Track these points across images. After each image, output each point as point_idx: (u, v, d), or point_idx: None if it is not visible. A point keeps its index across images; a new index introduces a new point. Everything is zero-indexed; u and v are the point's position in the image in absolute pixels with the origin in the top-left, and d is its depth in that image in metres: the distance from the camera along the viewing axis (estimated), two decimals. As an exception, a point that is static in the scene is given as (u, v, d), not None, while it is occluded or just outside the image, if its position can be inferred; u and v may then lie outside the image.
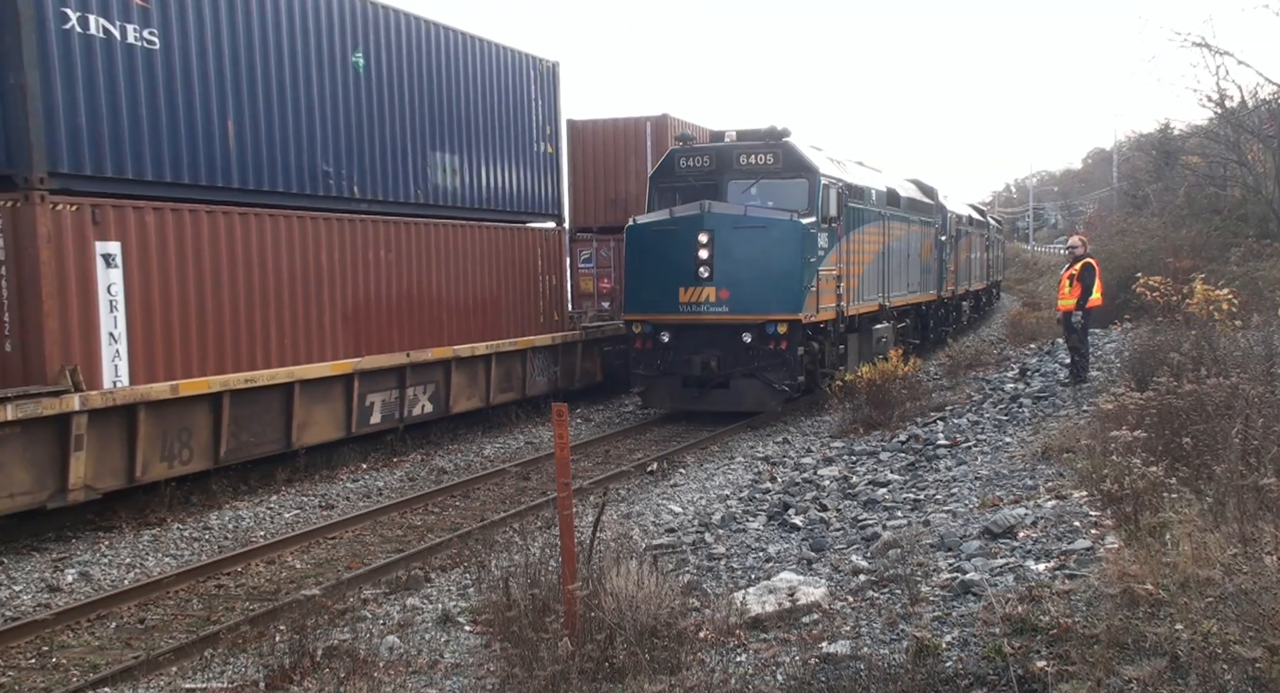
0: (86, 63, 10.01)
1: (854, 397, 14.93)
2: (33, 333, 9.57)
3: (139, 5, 10.43)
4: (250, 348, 11.78)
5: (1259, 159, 26.59)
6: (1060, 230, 74.07)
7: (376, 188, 13.80)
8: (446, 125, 15.10)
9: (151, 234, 10.59)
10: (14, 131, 9.52)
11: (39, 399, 9.25)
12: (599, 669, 5.17)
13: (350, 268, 13.24)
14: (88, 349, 9.94)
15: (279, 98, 12.19)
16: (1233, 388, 7.21)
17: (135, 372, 10.40)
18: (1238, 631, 4.09)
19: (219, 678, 6.76)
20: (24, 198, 9.48)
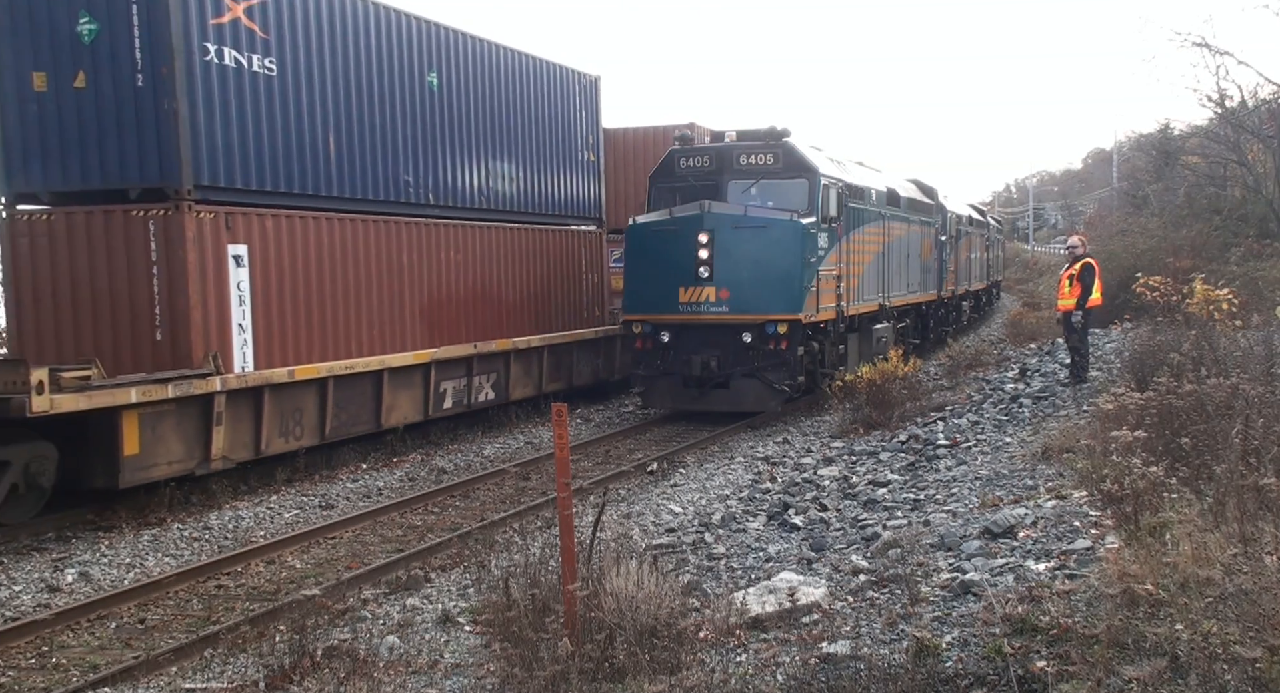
0: (222, 89, 11.43)
1: (854, 397, 14.93)
2: (180, 324, 11.05)
3: (261, 37, 11.86)
4: (348, 338, 13.20)
5: (1259, 159, 26.60)
6: (1060, 230, 74.07)
7: (447, 195, 15.17)
8: (504, 136, 16.45)
9: (270, 238, 12.01)
10: (167, 150, 11.00)
11: (191, 381, 10.80)
12: (599, 669, 5.17)
13: (426, 267, 14.66)
14: (222, 338, 11.38)
15: (369, 115, 13.55)
16: (1233, 388, 7.21)
17: (259, 358, 11.84)
18: (1238, 631, 4.09)
19: (219, 678, 6.76)
20: (174, 207, 10.98)
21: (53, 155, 11.27)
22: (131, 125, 11.10)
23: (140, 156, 11.08)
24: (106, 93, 11.05)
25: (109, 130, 11.11)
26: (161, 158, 11.03)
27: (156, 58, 10.91)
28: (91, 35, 10.96)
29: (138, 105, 11.03)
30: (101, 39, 10.95)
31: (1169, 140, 36.29)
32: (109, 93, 11.05)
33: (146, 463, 10.59)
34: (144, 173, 11.13)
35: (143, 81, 10.97)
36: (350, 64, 13.17)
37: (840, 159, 18.93)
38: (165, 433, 10.73)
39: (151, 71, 10.94)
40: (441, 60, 14.85)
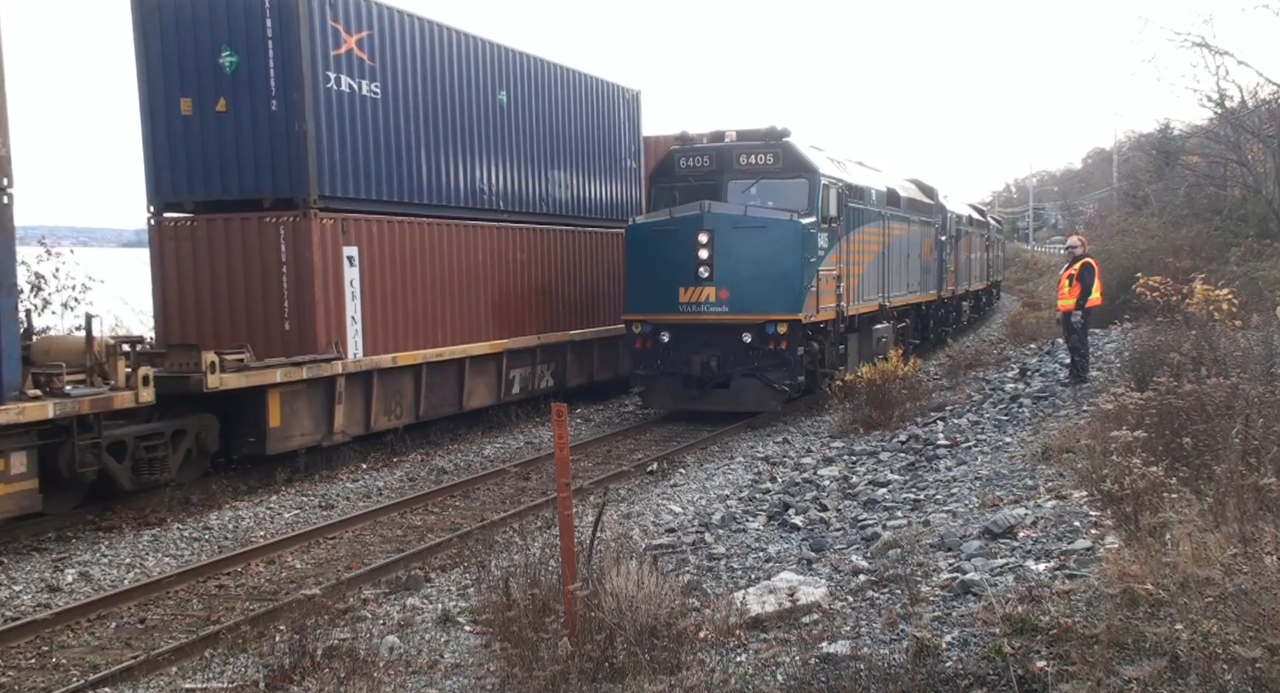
0: (339, 111, 13.01)
1: (854, 397, 14.92)
2: (306, 315, 12.67)
3: (368, 65, 13.35)
4: (436, 329, 14.74)
5: (1259, 159, 26.58)
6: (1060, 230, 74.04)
7: (514, 201, 16.78)
8: (561, 147, 18.01)
9: (375, 241, 13.61)
10: (296, 165, 12.60)
11: (319, 364, 12.53)
12: (599, 669, 5.17)
13: (497, 266, 16.24)
14: (339, 328, 13.02)
15: (451, 131, 15.11)
16: (1233, 388, 7.21)
17: (367, 346, 13.43)
18: (1238, 631, 4.09)
19: (219, 678, 6.76)
20: (302, 215, 12.60)
21: (196, 170, 12.94)
22: (266, 144, 12.72)
23: (273, 171, 12.69)
24: (244, 116, 12.67)
25: (246, 148, 12.75)
26: (292, 172, 12.63)
27: (289, 85, 12.50)
28: (232, 67, 12.61)
29: (271, 127, 12.62)
30: (241, 69, 12.58)
31: (1169, 140, 36.25)
32: (247, 116, 12.67)
33: (286, 434, 12.37)
34: (276, 185, 12.71)
35: (276, 106, 12.57)
36: (437, 86, 14.77)
37: (840, 159, 18.92)
38: (299, 409, 12.53)
39: (284, 97, 12.53)
40: (509, 79, 16.48)
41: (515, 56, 16.56)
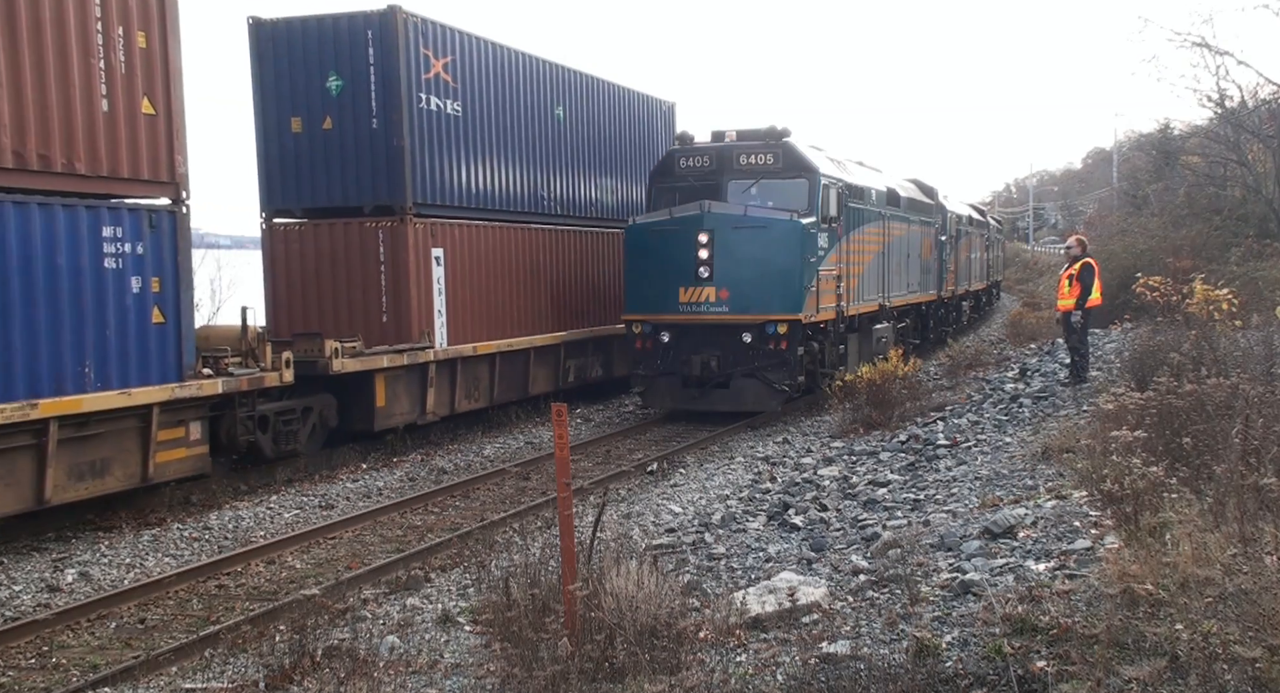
0: (428, 128, 14.51)
1: (854, 397, 14.92)
2: (402, 308, 14.21)
3: (451, 86, 14.89)
4: (506, 322, 16.32)
5: (1259, 159, 26.55)
6: (1060, 230, 74.02)
7: (568, 205, 18.35)
8: (607, 155, 19.46)
9: (457, 243, 15.16)
10: (394, 176, 14.13)
11: (416, 352, 14.13)
12: (599, 669, 5.17)
13: (555, 264, 17.79)
14: (429, 321, 14.55)
15: (519, 143, 16.78)
16: (1233, 388, 7.21)
17: (450, 337, 14.96)
18: (1238, 631, 4.09)
19: (219, 678, 6.76)
20: (399, 220, 14.18)
21: (305, 181, 14.48)
22: (367, 158, 14.21)
23: (373, 181, 14.20)
24: (348, 133, 14.20)
25: (349, 162, 14.28)
26: (390, 182, 14.14)
27: (388, 106, 14.00)
28: (338, 90, 14.14)
29: (372, 143, 14.14)
30: (346, 92, 14.13)
31: (1169, 140, 36.24)
32: (350, 133, 14.20)
33: (389, 413, 14.08)
34: (376, 194, 14.23)
35: (376, 124, 14.09)
36: (506, 103, 16.39)
37: (840, 159, 18.92)
38: (399, 391, 14.22)
39: (384, 116, 14.03)
40: (565, 96, 18.11)
41: (570, 74, 18.21)
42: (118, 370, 10.14)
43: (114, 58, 10.15)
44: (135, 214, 10.36)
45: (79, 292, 9.79)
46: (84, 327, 9.81)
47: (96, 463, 10.19)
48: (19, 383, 9.24)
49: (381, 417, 13.89)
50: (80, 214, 9.83)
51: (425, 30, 14.31)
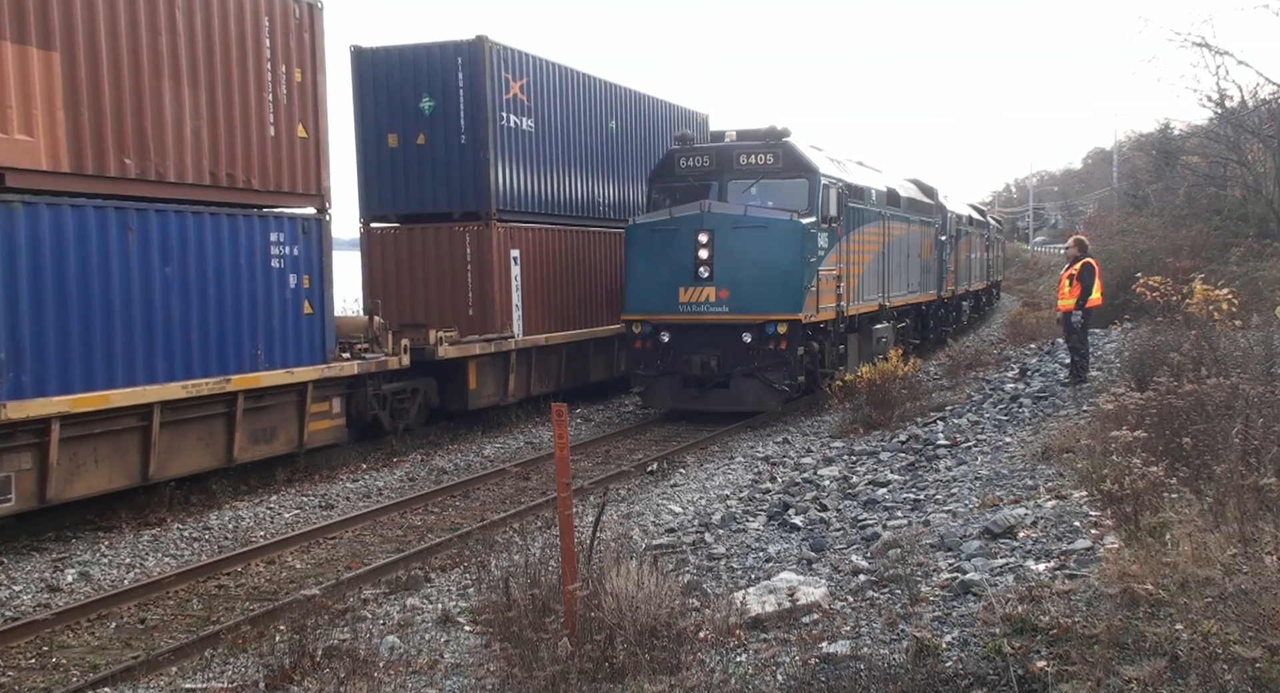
0: (508, 143, 16.22)
1: (854, 397, 14.91)
2: (487, 302, 15.97)
3: (526, 104, 16.58)
4: (570, 315, 17.91)
5: (1259, 159, 26.56)
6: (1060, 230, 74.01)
7: (619, 209, 19.77)
8: (646, 163, 20.13)
9: (530, 244, 16.90)
10: (481, 186, 15.85)
11: (500, 341, 15.92)
12: (599, 669, 5.17)
13: (608, 263, 19.31)
14: (508, 314, 16.26)
15: (580, 155, 18.48)
16: (1233, 388, 7.21)
17: (526, 328, 16.70)
18: (1238, 631, 4.09)
19: (219, 678, 6.76)
20: (485, 224, 15.92)
21: (400, 190, 16.12)
22: (456, 170, 15.90)
23: (462, 190, 15.90)
24: (439, 148, 15.93)
25: (440, 173, 15.96)
26: (477, 191, 15.85)
27: (475, 123, 15.74)
28: (430, 109, 15.86)
29: (461, 156, 15.84)
30: (437, 111, 15.83)
31: (1169, 140, 36.25)
32: (440, 148, 15.93)
33: (479, 395, 15.90)
34: (464, 201, 15.91)
35: (465, 140, 15.81)
36: (569, 119, 18.05)
37: (840, 159, 18.92)
38: (487, 376, 16.03)
39: (472, 133, 15.77)
40: (617, 110, 19.73)
41: (620, 91, 19.86)
42: (280, 354, 12.15)
43: (279, 91, 12.18)
44: (293, 222, 12.37)
45: (254, 287, 11.79)
46: (257, 316, 11.83)
47: (268, 430, 12.29)
48: (214, 363, 11.29)
49: (473, 398, 15.76)
50: (255, 223, 11.84)
51: (505, 56, 16.09)
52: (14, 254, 9.29)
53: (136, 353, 10.40)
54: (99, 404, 9.95)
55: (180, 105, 10.88)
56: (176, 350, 10.82)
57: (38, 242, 9.49)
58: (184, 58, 10.93)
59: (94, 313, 9.97)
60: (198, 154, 11.08)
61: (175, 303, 10.80)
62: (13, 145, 9.26)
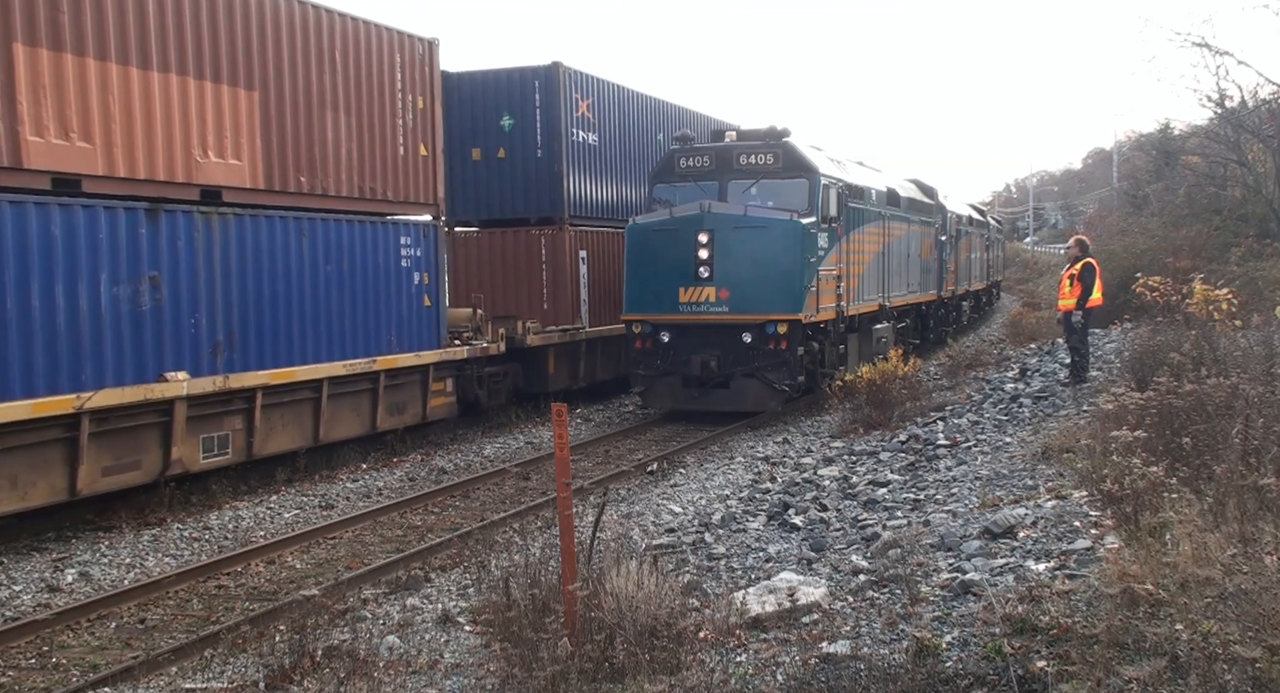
0: (576, 156, 18.16)
1: (854, 397, 14.91)
2: (559, 298, 17.98)
3: (591, 121, 18.51)
4: (616, 306, 18.37)
5: (1259, 159, 26.55)
6: (1060, 230, 74.00)
7: None
8: None
9: (592, 245, 18.77)
10: (555, 195, 17.80)
11: (574, 331, 17.99)
12: (599, 670, 5.17)
13: None
14: (577, 308, 18.27)
15: (634, 164, 20.33)
16: (1233, 388, 7.20)
17: (590, 321, 18.61)
18: (1238, 631, 4.09)
19: (219, 678, 6.76)
20: (558, 228, 17.87)
21: (482, 198, 18.09)
22: (533, 180, 17.88)
23: (538, 198, 17.82)
24: (518, 161, 17.89)
25: (518, 183, 17.96)
26: (551, 199, 17.77)
27: (549, 139, 17.69)
28: (510, 127, 17.84)
29: (537, 169, 17.82)
30: (516, 128, 17.82)
31: (1169, 140, 36.24)
32: (519, 161, 17.89)
33: (557, 379, 17.83)
34: (539, 208, 17.77)
35: (540, 154, 17.76)
36: (626, 133, 20.04)
37: (840, 159, 18.93)
38: (562, 362, 18.00)
39: (547, 148, 17.71)
40: (662, 123, 21.48)
41: (665, 106, 21.56)
42: (407, 340, 14.29)
43: (407, 117, 14.28)
44: (416, 227, 14.56)
45: (389, 283, 13.92)
46: (391, 308, 13.96)
47: (400, 404, 14.38)
48: (362, 347, 13.43)
49: (552, 381, 17.64)
50: (389, 229, 14.01)
51: (575, 79, 18.00)
52: (228, 256, 11.49)
53: (309, 337, 12.66)
54: (288, 378, 12.22)
55: (338, 131, 13.08)
56: (335, 336, 13.05)
57: (243, 246, 11.68)
58: (340, 91, 13.10)
59: (280, 304, 12.20)
60: (349, 172, 13.26)
61: (334, 296, 13.02)
62: (228, 168, 11.56)
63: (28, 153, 9.50)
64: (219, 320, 11.34)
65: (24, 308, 9.40)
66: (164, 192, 10.81)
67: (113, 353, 10.15)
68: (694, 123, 22.34)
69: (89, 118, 10.03)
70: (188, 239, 10.99)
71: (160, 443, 10.78)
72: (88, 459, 9.93)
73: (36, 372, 9.47)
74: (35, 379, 9.46)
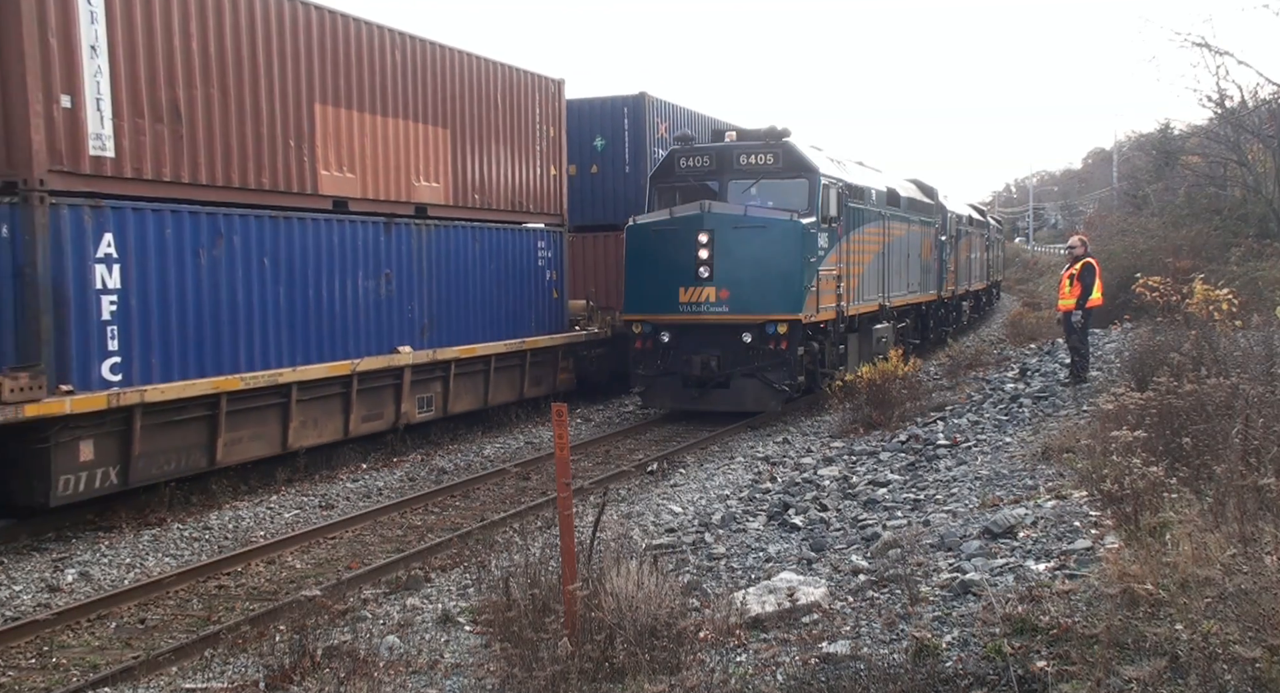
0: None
1: (854, 397, 14.91)
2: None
3: (667, 140, 19.87)
4: None
5: (1259, 159, 26.58)
6: (1060, 230, 74.00)
7: None
8: None
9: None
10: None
11: None
12: (599, 669, 5.17)
13: None
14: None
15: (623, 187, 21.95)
16: (1233, 388, 7.21)
17: None
18: (1238, 631, 4.09)
19: (219, 678, 6.76)
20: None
21: (576, 207, 19.46)
22: (622, 192, 19.89)
23: (625, 207, 19.00)
24: (609, 176, 20.08)
25: (609, 195, 20.01)
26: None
27: (636, 157, 19.90)
28: (602, 147, 20.12)
29: (625, 182, 19.93)
30: (607, 148, 20.08)
31: (1169, 140, 36.26)
32: (610, 176, 20.09)
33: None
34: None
35: (628, 170, 19.94)
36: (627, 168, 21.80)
37: (840, 159, 18.93)
38: None
39: (634, 164, 19.90)
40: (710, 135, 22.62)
41: (716, 122, 22.35)
42: (541, 325, 17.26)
43: (542, 144, 17.39)
44: (548, 233, 17.62)
45: (530, 278, 17.00)
46: (531, 299, 17.01)
47: (539, 378, 17.27)
48: (512, 330, 16.45)
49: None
50: (529, 234, 17.14)
51: (657, 105, 20.38)
52: (431, 258, 14.68)
53: (481, 321, 15.72)
54: (470, 353, 15.31)
55: (499, 158, 16.23)
56: (497, 320, 16.09)
57: (439, 250, 14.88)
58: (500, 125, 16.24)
59: (462, 294, 15.31)
60: (505, 189, 16.41)
61: (495, 288, 16.08)
62: (431, 190, 14.75)
63: (320, 183, 12.80)
64: (425, 307, 14.59)
65: (318, 296, 12.73)
66: (394, 209, 14.05)
67: (367, 331, 13.53)
68: None
69: (353, 154, 13.30)
70: (407, 245, 14.25)
71: (394, 400, 14.14)
72: (355, 409, 13.39)
73: (325, 343, 12.84)
74: (325, 349, 12.85)
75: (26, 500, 9.84)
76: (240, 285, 11.62)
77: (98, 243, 10.06)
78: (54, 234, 9.67)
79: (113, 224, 10.21)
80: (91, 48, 9.99)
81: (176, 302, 10.87)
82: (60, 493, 9.79)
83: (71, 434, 9.85)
